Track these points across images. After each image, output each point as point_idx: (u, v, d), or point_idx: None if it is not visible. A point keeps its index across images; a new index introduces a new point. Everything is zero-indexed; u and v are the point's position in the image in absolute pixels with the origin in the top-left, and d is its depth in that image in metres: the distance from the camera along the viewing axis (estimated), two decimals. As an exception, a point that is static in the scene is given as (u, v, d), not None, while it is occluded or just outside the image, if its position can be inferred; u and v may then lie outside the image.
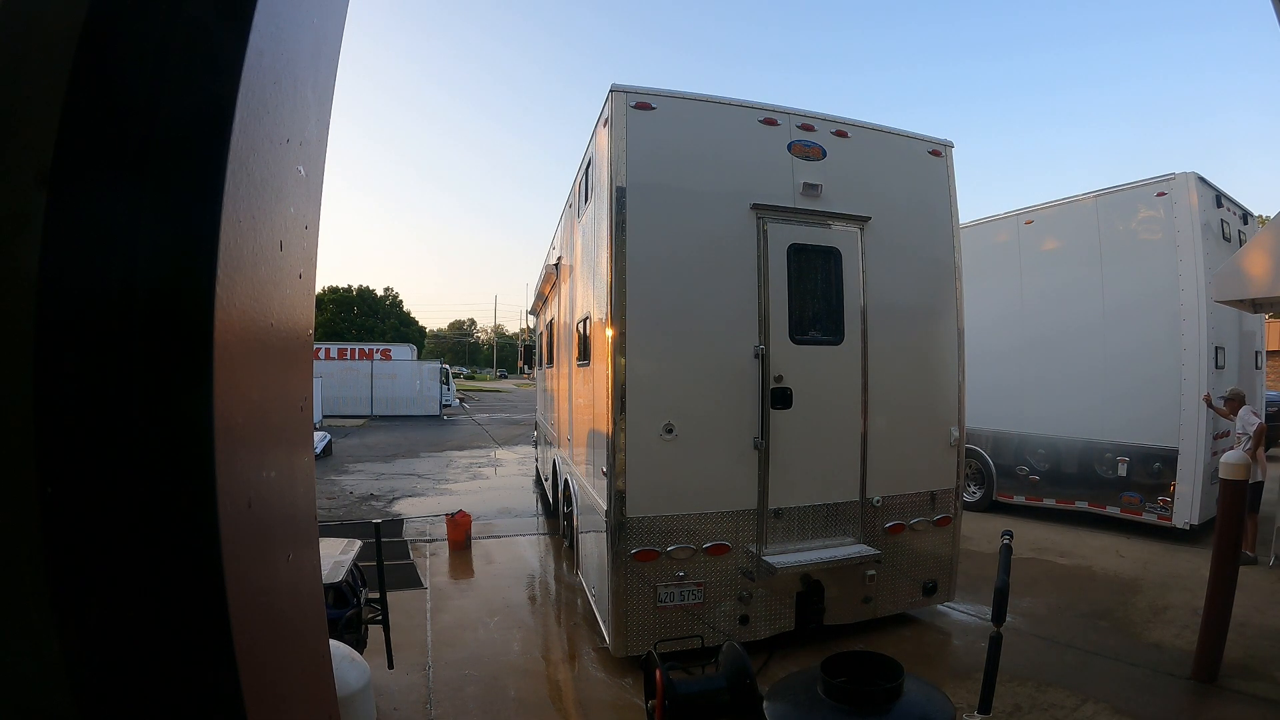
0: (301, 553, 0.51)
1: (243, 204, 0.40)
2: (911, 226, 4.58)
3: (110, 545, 0.36)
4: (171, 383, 0.38)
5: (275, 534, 0.46)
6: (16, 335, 0.36)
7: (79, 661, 0.36)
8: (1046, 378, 7.53)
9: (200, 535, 0.38)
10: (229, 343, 0.39)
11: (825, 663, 1.73)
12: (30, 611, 0.36)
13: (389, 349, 29.70)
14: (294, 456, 0.50)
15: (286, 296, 0.48)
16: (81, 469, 0.36)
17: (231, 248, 0.39)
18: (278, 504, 0.47)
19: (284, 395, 0.49)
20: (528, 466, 12.53)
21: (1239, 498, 3.80)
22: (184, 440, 0.37)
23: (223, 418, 0.38)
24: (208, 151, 0.39)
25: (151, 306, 0.37)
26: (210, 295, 0.38)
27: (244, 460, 0.42)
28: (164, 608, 0.37)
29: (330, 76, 0.53)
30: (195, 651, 0.38)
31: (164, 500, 0.37)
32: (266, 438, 0.45)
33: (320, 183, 0.52)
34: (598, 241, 4.23)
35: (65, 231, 0.37)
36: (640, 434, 3.83)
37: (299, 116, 0.49)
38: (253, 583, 0.41)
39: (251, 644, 0.40)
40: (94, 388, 0.37)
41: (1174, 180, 6.60)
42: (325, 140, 0.53)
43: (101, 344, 0.37)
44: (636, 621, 3.82)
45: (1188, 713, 3.56)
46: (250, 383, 0.43)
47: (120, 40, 0.39)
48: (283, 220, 0.47)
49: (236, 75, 0.39)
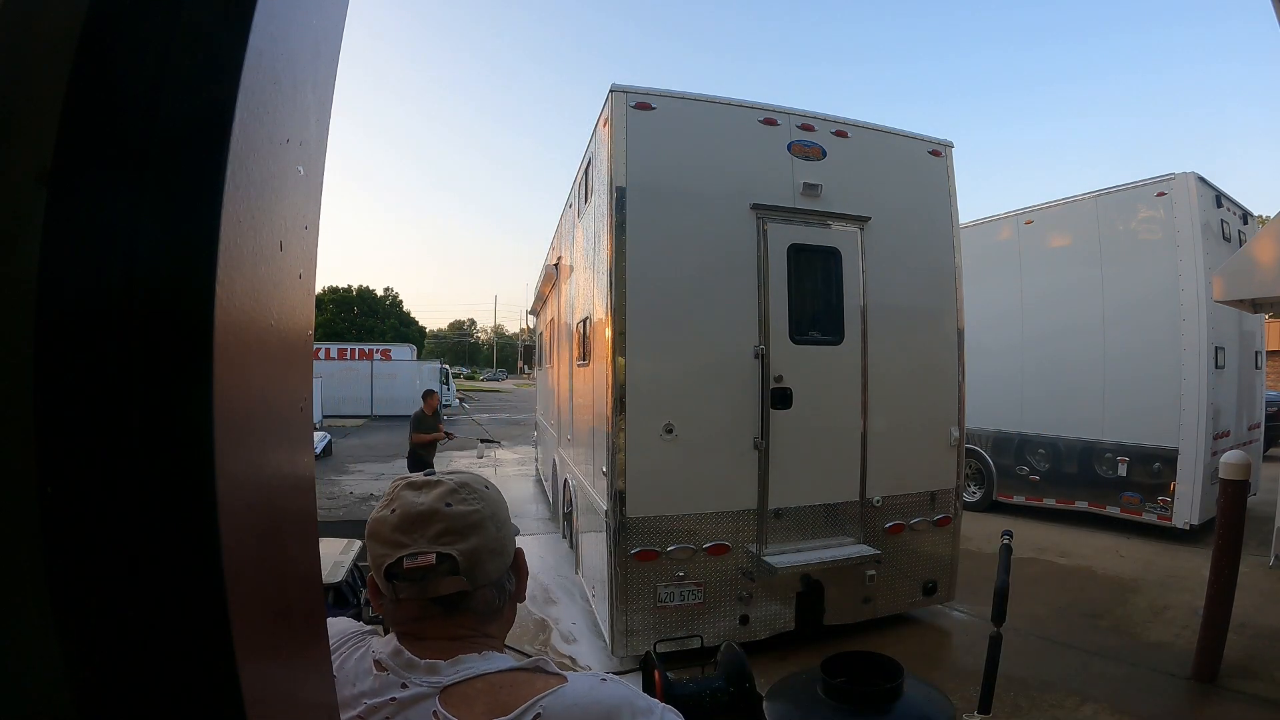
0: (301, 553, 0.51)
1: (243, 204, 0.40)
2: (911, 226, 4.58)
3: (110, 545, 0.36)
4: (171, 383, 0.38)
5: (275, 534, 0.46)
6: (16, 335, 0.36)
7: (79, 661, 0.36)
8: (1046, 377, 7.53)
9: (200, 535, 0.38)
10: (229, 343, 0.39)
11: (825, 663, 1.73)
12: (30, 611, 0.36)
13: (389, 349, 29.72)
14: (294, 456, 0.49)
15: (286, 296, 0.48)
16: (81, 469, 0.36)
17: (231, 248, 0.39)
18: (278, 504, 0.47)
19: (284, 395, 0.49)
20: (528, 467, 12.53)
21: (1239, 498, 3.80)
22: (184, 440, 0.37)
23: (223, 418, 0.38)
24: (208, 152, 0.39)
25: (151, 306, 0.37)
26: (210, 295, 0.38)
27: (244, 460, 0.42)
28: (164, 608, 0.37)
29: (330, 76, 0.53)
30: (195, 651, 0.38)
31: (164, 500, 0.37)
32: (267, 438, 0.45)
33: (320, 183, 0.52)
34: (598, 241, 4.23)
35: (65, 231, 0.37)
36: (640, 434, 3.83)
37: (299, 116, 0.49)
38: (253, 583, 0.41)
39: (251, 644, 0.40)
40: (94, 388, 0.37)
41: (1174, 180, 6.60)
42: (325, 140, 0.53)
43: (101, 344, 0.37)
44: (636, 621, 3.82)
45: (1188, 713, 3.56)
46: (250, 383, 0.43)
47: (120, 41, 0.39)
48: (283, 220, 0.47)
49: (236, 76, 0.39)
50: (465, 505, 0.84)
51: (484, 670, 0.79)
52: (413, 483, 0.87)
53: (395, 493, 0.86)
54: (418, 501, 0.83)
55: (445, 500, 0.83)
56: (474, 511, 0.84)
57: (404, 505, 0.83)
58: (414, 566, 0.79)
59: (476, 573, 0.82)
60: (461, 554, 0.81)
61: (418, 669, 0.78)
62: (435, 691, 0.76)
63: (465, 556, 0.81)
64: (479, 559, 0.82)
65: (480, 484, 0.89)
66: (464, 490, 0.85)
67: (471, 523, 0.83)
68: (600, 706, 0.76)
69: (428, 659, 0.79)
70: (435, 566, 0.79)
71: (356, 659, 0.84)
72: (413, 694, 0.77)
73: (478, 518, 0.84)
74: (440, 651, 0.80)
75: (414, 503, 0.83)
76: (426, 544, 0.80)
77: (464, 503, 0.84)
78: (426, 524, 0.81)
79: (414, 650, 0.80)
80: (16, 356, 0.36)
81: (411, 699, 0.76)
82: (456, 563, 0.80)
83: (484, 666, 0.79)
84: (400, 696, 0.77)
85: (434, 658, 0.79)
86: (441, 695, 0.76)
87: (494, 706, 0.75)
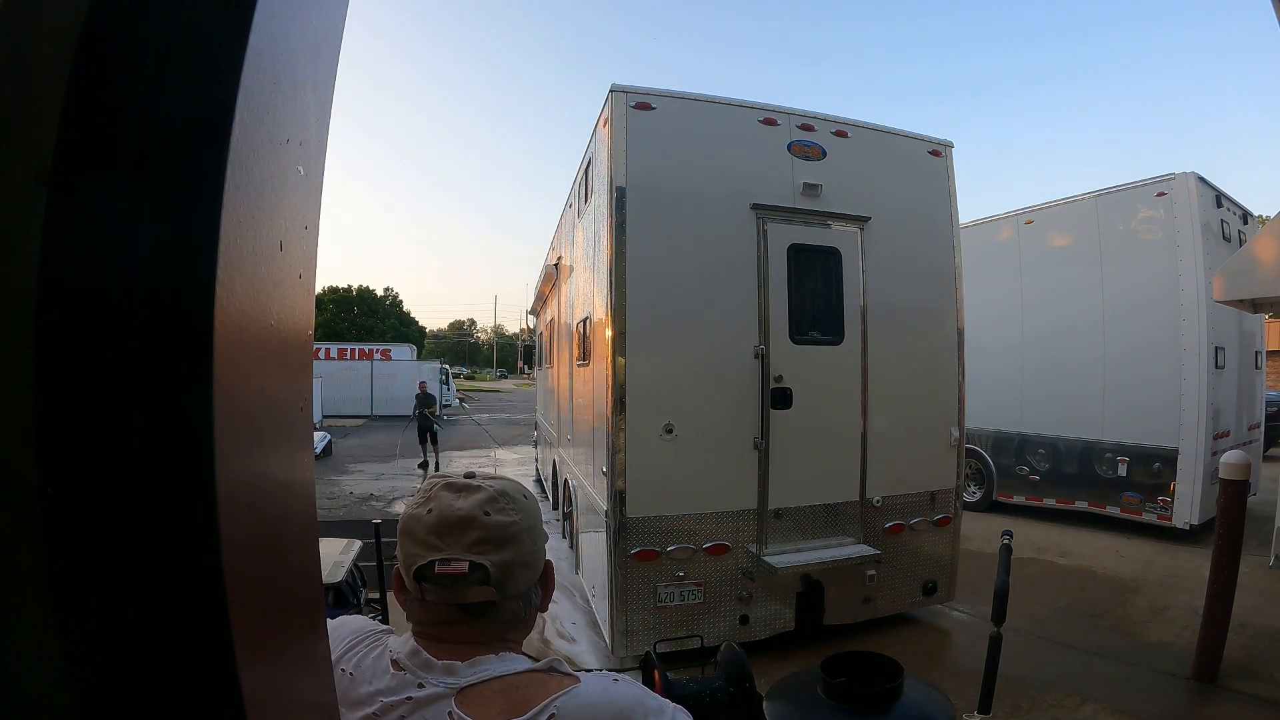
0: (302, 553, 0.51)
1: (243, 204, 0.40)
2: (912, 226, 4.58)
3: (110, 545, 0.37)
4: (172, 383, 0.38)
5: (275, 534, 0.46)
6: (16, 335, 0.36)
7: (79, 661, 0.37)
8: (1046, 377, 7.53)
9: (200, 535, 0.38)
10: (229, 343, 0.39)
11: (825, 663, 1.73)
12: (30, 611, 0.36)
13: (389, 349, 29.73)
14: (294, 457, 0.50)
15: (286, 297, 0.48)
16: (81, 469, 0.36)
17: (231, 248, 0.39)
18: (278, 504, 0.47)
19: (284, 396, 0.49)
20: (528, 467, 12.53)
21: (1239, 498, 3.80)
22: (184, 440, 0.37)
23: (223, 418, 0.38)
24: (208, 152, 0.39)
25: (152, 306, 0.37)
26: (210, 295, 0.38)
27: (244, 461, 0.42)
28: (164, 608, 0.37)
29: (330, 76, 0.54)
30: (195, 651, 0.38)
31: (164, 500, 0.37)
32: (267, 438, 0.45)
33: (320, 183, 0.52)
34: (598, 241, 4.23)
35: (65, 232, 0.37)
36: (640, 434, 3.83)
37: (299, 116, 0.49)
38: (252, 583, 0.41)
39: (251, 644, 0.40)
40: (94, 388, 0.37)
41: (1174, 180, 6.60)
42: (325, 140, 0.53)
43: (102, 344, 0.37)
44: (636, 621, 3.82)
45: (1188, 713, 3.56)
46: (250, 383, 0.43)
47: (120, 41, 0.39)
48: (283, 220, 0.47)
49: (236, 76, 0.39)
50: (504, 515, 0.82)
51: (500, 672, 0.79)
52: (452, 484, 0.85)
53: (433, 492, 0.84)
54: (456, 506, 0.81)
55: (484, 508, 0.82)
56: (512, 523, 0.83)
57: (441, 508, 0.82)
58: (445, 573, 0.78)
59: (507, 584, 0.81)
60: (494, 565, 0.80)
61: (435, 669, 0.78)
62: (452, 692, 0.76)
63: (498, 568, 0.80)
64: (511, 571, 0.81)
65: (519, 493, 0.87)
66: (503, 499, 0.84)
67: (509, 534, 0.82)
68: (613, 706, 0.77)
69: (445, 660, 0.79)
70: (467, 575, 0.78)
71: (374, 658, 0.84)
72: (429, 694, 0.77)
73: (515, 530, 0.83)
74: (458, 653, 0.79)
75: (452, 506, 0.81)
76: (461, 551, 0.79)
77: (502, 512, 0.82)
78: (463, 531, 0.80)
79: (432, 651, 0.80)
80: (16, 356, 0.36)
81: (428, 699, 0.76)
82: (489, 573, 0.79)
83: (500, 668, 0.79)
84: (416, 696, 0.77)
85: (451, 659, 0.79)
86: (458, 696, 0.76)
87: (509, 707, 0.75)
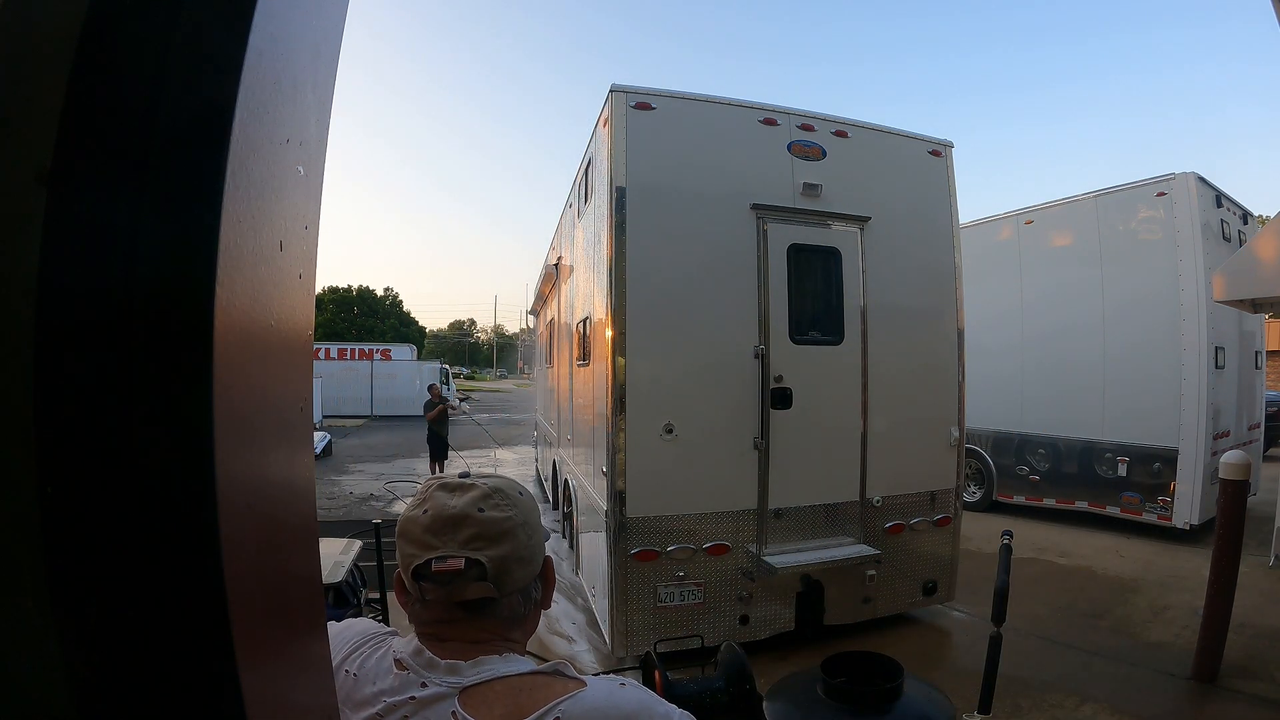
0: (301, 553, 0.51)
1: (243, 204, 0.40)
2: (911, 226, 4.58)
3: (110, 545, 0.37)
4: (171, 383, 0.38)
5: (275, 534, 0.46)
6: (16, 335, 0.36)
7: (79, 661, 0.36)
8: (1046, 377, 7.53)
9: (200, 535, 0.38)
10: (229, 343, 0.39)
11: (825, 663, 1.72)
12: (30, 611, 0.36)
13: (389, 349, 29.74)
14: (294, 456, 0.49)
15: (286, 296, 0.48)
16: (81, 469, 0.36)
17: (231, 248, 0.39)
18: (278, 504, 0.47)
19: (284, 396, 0.49)
20: (528, 467, 12.53)
21: (1239, 498, 3.80)
22: (184, 440, 0.37)
23: (223, 418, 0.38)
24: (208, 152, 0.39)
25: (152, 306, 0.37)
26: (210, 295, 0.38)
27: (244, 461, 0.42)
28: (164, 608, 0.37)
29: (330, 76, 0.54)
30: (195, 652, 0.38)
31: (164, 500, 0.37)
32: (266, 438, 0.45)
33: (320, 183, 0.52)
34: (598, 241, 4.24)
35: (65, 231, 0.37)
36: (640, 434, 3.83)
37: (299, 116, 0.49)
38: (252, 582, 0.41)
39: (251, 644, 0.40)
40: (94, 388, 0.37)
41: (1174, 180, 6.60)
42: (325, 140, 0.53)
43: (101, 344, 0.37)
44: (636, 621, 3.82)
45: (1188, 713, 3.56)
46: (250, 383, 0.43)
47: (120, 41, 0.39)
48: (283, 220, 0.47)
49: (236, 76, 0.39)
50: (498, 511, 0.83)
51: (504, 672, 0.79)
52: (446, 484, 0.86)
53: (428, 493, 0.85)
54: (450, 504, 0.82)
55: (478, 505, 0.83)
56: (507, 519, 0.83)
57: (436, 507, 0.83)
58: (442, 570, 0.79)
59: (504, 580, 0.82)
60: (490, 561, 0.80)
61: (438, 669, 0.78)
62: (455, 692, 0.76)
63: (494, 563, 0.80)
64: (507, 567, 0.82)
65: (514, 490, 0.88)
66: (498, 496, 0.85)
67: (503, 530, 0.82)
68: (619, 711, 0.77)
69: (448, 659, 0.79)
70: (463, 571, 0.79)
71: (378, 658, 0.84)
72: (432, 693, 0.77)
73: (510, 525, 0.83)
74: (461, 653, 0.80)
75: (447, 505, 0.83)
76: (456, 548, 0.80)
77: (497, 509, 0.83)
78: (458, 528, 0.81)
79: (435, 650, 0.80)
80: (16, 356, 0.36)
81: (431, 698, 0.77)
82: (485, 569, 0.80)
83: (504, 669, 0.79)
84: (420, 695, 0.77)
85: (455, 659, 0.79)
86: (461, 696, 0.76)
87: (513, 709, 0.75)
